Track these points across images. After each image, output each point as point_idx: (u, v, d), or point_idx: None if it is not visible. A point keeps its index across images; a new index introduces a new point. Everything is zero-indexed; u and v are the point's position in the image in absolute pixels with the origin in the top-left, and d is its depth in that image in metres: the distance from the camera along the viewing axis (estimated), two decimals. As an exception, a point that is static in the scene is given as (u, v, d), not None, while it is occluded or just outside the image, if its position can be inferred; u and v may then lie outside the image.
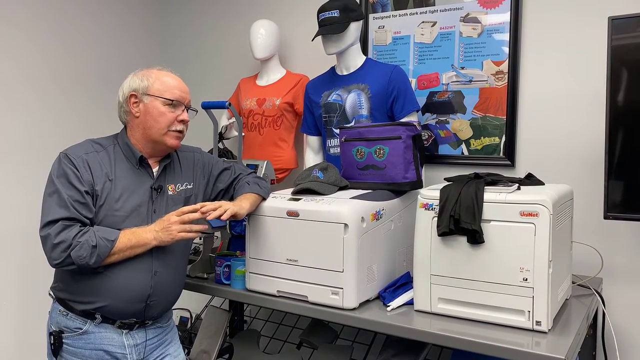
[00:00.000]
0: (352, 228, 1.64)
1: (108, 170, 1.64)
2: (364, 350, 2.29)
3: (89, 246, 1.52)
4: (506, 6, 2.26)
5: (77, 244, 1.52)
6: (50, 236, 1.53)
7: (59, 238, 1.52)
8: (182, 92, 1.72)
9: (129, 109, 1.69)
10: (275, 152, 2.64)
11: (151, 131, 1.68)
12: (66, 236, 1.52)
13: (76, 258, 1.52)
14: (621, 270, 2.09)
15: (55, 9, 2.81)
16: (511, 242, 1.49)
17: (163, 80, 1.70)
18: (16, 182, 2.62)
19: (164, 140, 1.69)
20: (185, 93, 1.74)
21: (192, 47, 3.27)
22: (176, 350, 1.83)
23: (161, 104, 1.68)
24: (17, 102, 2.66)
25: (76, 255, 1.52)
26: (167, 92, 1.69)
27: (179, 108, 1.71)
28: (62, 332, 1.64)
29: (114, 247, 1.55)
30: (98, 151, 1.67)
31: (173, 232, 1.60)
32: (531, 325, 1.48)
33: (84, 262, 1.52)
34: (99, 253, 1.53)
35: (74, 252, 1.52)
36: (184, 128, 1.74)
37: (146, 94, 1.68)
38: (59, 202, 1.56)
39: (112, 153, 1.69)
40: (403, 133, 1.88)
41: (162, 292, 1.68)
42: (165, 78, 1.71)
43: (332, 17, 2.20)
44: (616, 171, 1.81)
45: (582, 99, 2.14)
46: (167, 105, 1.68)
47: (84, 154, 1.64)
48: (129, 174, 1.67)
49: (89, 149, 1.66)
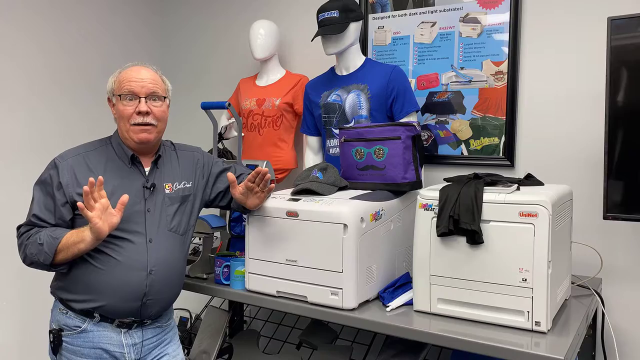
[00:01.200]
0: (351, 228, 1.64)
1: (98, 171, 1.64)
2: (363, 350, 2.29)
3: (37, 244, 1.58)
4: (506, 6, 2.26)
5: (27, 244, 1.61)
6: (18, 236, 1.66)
7: (19, 240, 1.64)
8: (137, 83, 1.65)
9: (111, 110, 1.73)
10: (275, 153, 2.64)
11: (121, 130, 1.69)
12: (21, 239, 1.63)
13: (29, 256, 1.60)
14: (621, 271, 2.09)
15: (55, 8, 2.81)
16: (510, 242, 1.49)
17: (121, 76, 1.68)
18: (16, 182, 2.61)
19: (130, 136, 1.67)
20: (142, 82, 1.65)
21: (192, 47, 3.27)
22: (175, 350, 1.82)
23: (119, 102, 1.66)
24: (17, 103, 2.66)
25: (28, 252, 1.60)
26: (122, 88, 1.66)
27: (135, 100, 1.65)
28: (61, 330, 1.65)
29: (60, 244, 1.56)
30: (89, 150, 1.69)
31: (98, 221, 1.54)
32: (530, 325, 1.48)
33: (36, 259, 1.58)
34: (45, 250, 1.56)
35: (27, 250, 1.60)
36: (151, 118, 1.66)
37: (113, 95, 1.69)
38: (30, 209, 1.66)
39: (103, 153, 1.70)
40: (402, 133, 1.88)
41: (158, 291, 1.68)
42: (124, 74, 1.68)
43: (331, 17, 2.20)
44: (616, 171, 1.81)
45: (582, 99, 2.14)
46: (124, 100, 1.65)
47: (71, 157, 1.66)
48: (120, 173, 1.68)
49: (79, 151, 1.69)
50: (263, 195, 1.75)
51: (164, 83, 1.75)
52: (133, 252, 1.63)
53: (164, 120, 1.73)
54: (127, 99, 1.65)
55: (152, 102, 1.68)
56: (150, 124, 1.67)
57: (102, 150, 1.70)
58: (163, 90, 1.72)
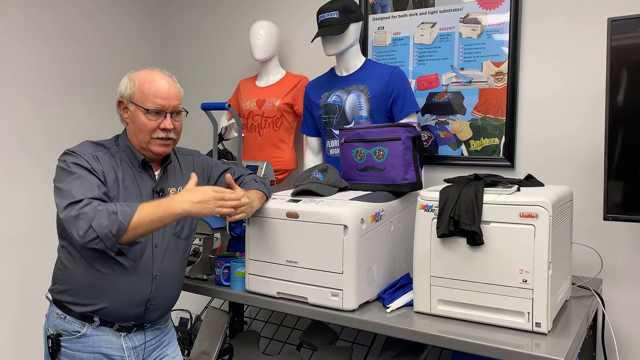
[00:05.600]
0: (351, 229, 1.64)
1: (115, 170, 1.63)
2: (363, 351, 2.29)
3: (109, 212, 1.45)
4: (506, 7, 2.26)
5: (97, 213, 1.45)
6: (72, 212, 1.46)
7: (82, 211, 1.46)
8: (164, 99, 1.64)
9: (121, 114, 1.69)
10: (275, 153, 2.64)
11: (137, 138, 1.67)
12: (89, 209, 1.46)
13: (97, 227, 1.44)
14: (621, 271, 2.09)
15: (55, 8, 2.81)
16: (511, 243, 1.49)
17: (145, 87, 1.63)
18: (13, 185, 2.61)
19: (150, 148, 1.66)
20: (169, 98, 1.65)
21: (192, 48, 3.27)
22: (174, 351, 1.82)
23: (142, 114, 1.63)
24: (12, 106, 2.64)
25: (97, 224, 1.44)
26: (147, 102, 1.63)
27: (161, 115, 1.64)
28: (59, 335, 1.63)
29: (136, 215, 1.47)
30: (102, 152, 1.65)
31: (211, 206, 1.53)
32: (531, 326, 1.48)
33: (106, 231, 1.44)
34: (120, 219, 1.45)
35: (94, 221, 1.44)
36: (172, 134, 1.68)
37: (130, 102, 1.65)
38: (82, 185, 1.51)
39: (115, 154, 1.67)
40: (403, 134, 1.88)
41: (161, 295, 1.68)
42: (147, 85, 1.64)
43: (331, 18, 2.20)
44: (616, 172, 1.81)
45: (582, 99, 2.14)
46: (148, 114, 1.63)
47: (92, 151, 1.62)
48: (131, 176, 1.67)
49: (94, 148, 1.64)
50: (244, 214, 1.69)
51: (181, 92, 1.73)
52: (138, 257, 1.62)
53: (180, 133, 1.74)
54: (153, 113, 1.63)
55: (175, 117, 1.68)
56: (171, 139, 1.68)
57: (115, 152, 1.68)
58: (181, 103, 1.71)
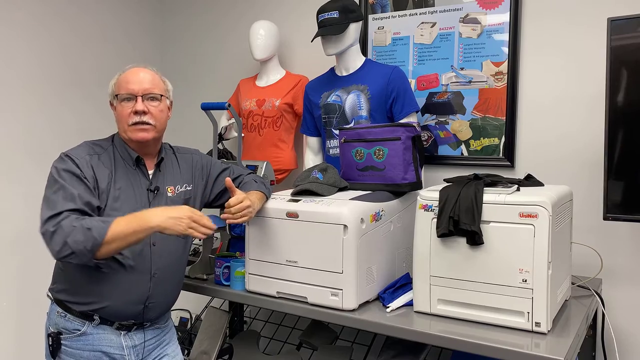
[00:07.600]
0: (351, 229, 1.64)
1: (110, 171, 1.64)
2: (363, 351, 2.29)
3: (84, 229, 1.44)
4: (505, 7, 2.26)
5: (72, 229, 1.45)
6: (49, 227, 1.46)
7: (59, 225, 1.46)
8: (134, 84, 1.64)
9: (113, 112, 1.72)
10: (275, 153, 2.64)
11: (121, 130, 1.69)
12: (65, 224, 1.46)
13: (73, 244, 1.43)
14: (621, 271, 2.09)
15: (55, 8, 2.81)
16: (510, 243, 1.49)
17: (121, 78, 1.68)
18: (13, 184, 2.61)
19: (129, 136, 1.67)
20: (140, 82, 1.65)
21: (192, 48, 3.27)
22: (174, 350, 1.83)
23: (118, 103, 1.67)
24: (12, 105, 2.64)
25: (72, 240, 1.44)
26: (120, 89, 1.66)
27: (132, 100, 1.64)
28: (60, 333, 1.64)
29: (110, 231, 1.45)
30: (99, 153, 1.66)
31: (184, 224, 1.51)
32: (530, 326, 1.48)
33: (81, 247, 1.43)
34: (94, 235, 1.44)
35: (70, 237, 1.44)
36: (148, 118, 1.65)
37: (114, 98, 1.69)
38: (64, 196, 1.51)
39: (111, 154, 1.68)
40: (402, 134, 1.88)
41: (160, 294, 1.69)
42: (123, 76, 1.68)
43: (331, 18, 2.20)
44: (616, 172, 1.81)
45: (582, 99, 2.14)
46: (123, 101, 1.65)
47: (86, 155, 1.63)
48: (126, 175, 1.67)
49: (90, 151, 1.65)
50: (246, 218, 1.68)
51: (163, 83, 1.74)
52: (137, 255, 1.63)
53: (163, 120, 1.71)
54: (125, 99, 1.65)
55: (150, 101, 1.67)
56: (147, 123, 1.66)
57: (110, 151, 1.69)
58: (161, 90, 1.70)
